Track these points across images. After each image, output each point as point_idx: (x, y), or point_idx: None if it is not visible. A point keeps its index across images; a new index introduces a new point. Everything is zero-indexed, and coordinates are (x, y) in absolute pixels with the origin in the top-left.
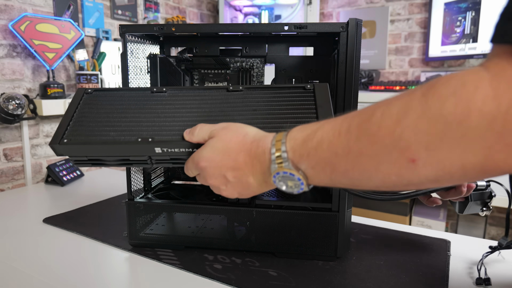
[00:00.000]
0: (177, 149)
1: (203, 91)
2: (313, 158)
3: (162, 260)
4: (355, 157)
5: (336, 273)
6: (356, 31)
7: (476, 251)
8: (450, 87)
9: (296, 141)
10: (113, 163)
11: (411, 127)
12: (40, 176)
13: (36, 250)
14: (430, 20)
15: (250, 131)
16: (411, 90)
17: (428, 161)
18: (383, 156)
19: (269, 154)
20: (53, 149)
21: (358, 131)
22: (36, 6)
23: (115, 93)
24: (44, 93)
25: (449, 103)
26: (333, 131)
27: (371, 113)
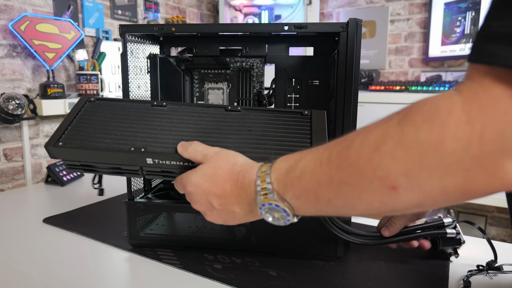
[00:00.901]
0: (168, 162)
1: (201, 108)
2: (297, 188)
3: (162, 260)
4: (337, 186)
5: (336, 273)
6: (356, 31)
7: (476, 251)
8: (423, 113)
9: (280, 172)
10: (104, 170)
11: (389, 155)
12: (40, 176)
13: (36, 250)
14: (430, 20)
15: (239, 160)
16: (388, 117)
17: (409, 188)
18: (364, 184)
19: (255, 185)
20: (47, 151)
21: (338, 160)
22: (36, 6)
23: (117, 103)
24: (44, 93)
25: (424, 130)
26: (314, 160)
27: (351, 141)
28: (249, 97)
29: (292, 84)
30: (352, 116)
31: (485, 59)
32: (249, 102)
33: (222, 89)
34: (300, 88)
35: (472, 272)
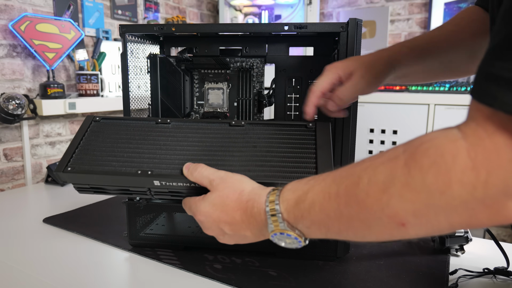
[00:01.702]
0: (175, 183)
1: (205, 124)
2: (307, 220)
3: (162, 260)
4: (347, 220)
5: (336, 273)
6: (356, 31)
7: (476, 251)
8: (429, 157)
9: (288, 203)
10: (114, 192)
11: (397, 196)
12: (40, 176)
13: (36, 250)
14: (430, 20)
15: (246, 188)
16: (394, 154)
17: (417, 224)
18: (373, 221)
19: (264, 214)
20: (57, 176)
21: (347, 197)
22: (36, 6)
23: (121, 122)
24: (44, 93)
25: (430, 174)
26: (323, 193)
27: (358, 177)
28: (249, 97)
29: (292, 84)
30: (352, 116)
31: (488, 101)
32: (249, 102)
33: (222, 89)
34: (300, 88)
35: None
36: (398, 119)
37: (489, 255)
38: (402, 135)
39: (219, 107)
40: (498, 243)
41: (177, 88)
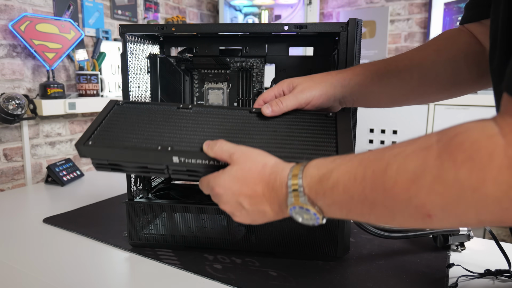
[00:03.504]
0: (194, 161)
1: (226, 110)
2: (329, 198)
3: (162, 260)
4: (371, 205)
5: (336, 273)
6: (356, 31)
7: (476, 251)
8: (465, 151)
9: (312, 179)
10: (131, 169)
11: (426, 189)
12: (40, 176)
13: (36, 250)
14: (430, 20)
15: (269, 161)
16: (427, 143)
17: (445, 218)
18: (399, 209)
19: (286, 187)
20: (77, 150)
21: (373, 182)
22: (36, 6)
23: (144, 106)
24: (44, 93)
25: (464, 170)
26: (348, 175)
27: (386, 164)
28: (249, 97)
29: None
30: (352, 116)
31: None
32: (249, 102)
33: (222, 89)
34: None
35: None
36: (398, 119)
37: (489, 255)
38: (402, 135)
39: None
40: (499, 244)
41: (177, 88)
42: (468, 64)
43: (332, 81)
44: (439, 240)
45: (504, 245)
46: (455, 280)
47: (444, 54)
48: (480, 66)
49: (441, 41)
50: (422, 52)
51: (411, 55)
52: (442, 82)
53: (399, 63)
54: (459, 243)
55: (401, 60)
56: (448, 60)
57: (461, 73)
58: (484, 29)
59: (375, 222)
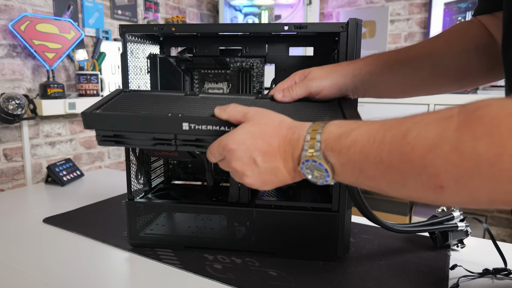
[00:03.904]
0: (205, 127)
1: (233, 96)
2: (344, 156)
3: (162, 260)
4: (385, 168)
5: (336, 273)
6: (356, 31)
7: (476, 251)
8: (485, 125)
9: (331, 135)
10: (137, 141)
11: (443, 158)
12: (40, 176)
13: (36, 250)
14: (430, 20)
15: (286, 119)
16: (449, 114)
17: (456, 191)
18: (412, 175)
19: (303, 141)
20: (83, 118)
21: (392, 145)
22: (36, 6)
23: (150, 93)
24: (44, 93)
25: (483, 143)
26: (368, 136)
27: (406, 129)
28: None
29: None
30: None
31: None
32: None
33: (222, 89)
34: None
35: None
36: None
37: (489, 254)
38: None
39: None
40: (496, 242)
41: (177, 88)
42: (479, 55)
43: (343, 71)
44: (439, 239)
45: (504, 245)
46: (455, 281)
47: (455, 45)
48: (491, 58)
49: (452, 32)
50: (433, 43)
51: (422, 46)
52: (453, 73)
53: (410, 53)
54: (458, 241)
55: (412, 50)
56: (459, 52)
57: (472, 65)
58: (496, 21)
59: (385, 188)
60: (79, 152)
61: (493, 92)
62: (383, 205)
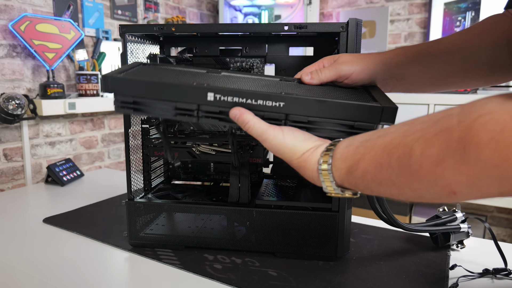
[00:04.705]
0: (231, 99)
1: (256, 76)
2: (361, 186)
3: (162, 260)
4: (399, 188)
5: (336, 273)
6: (356, 31)
7: (475, 251)
8: (488, 133)
9: (341, 172)
10: (157, 110)
11: (451, 169)
12: (40, 176)
13: (36, 250)
14: (430, 20)
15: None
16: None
17: (468, 193)
18: (425, 190)
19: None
20: (104, 81)
21: (400, 167)
22: (36, 6)
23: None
24: (44, 93)
25: (488, 150)
26: (374, 164)
27: (410, 148)
28: None
29: None
30: None
31: None
32: None
33: None
34: None
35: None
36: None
37: (489, 254)
38: None
39: None
40: (497, 243)
41: None
42: (511, 50)
43: (373, 58)
44: (440, 239)
45: (505, 245)
46: (455, 281)
47: (486, 39)
48: None
49: (484, 25)
50: (463, 36)
51: (452, 39)
52: (484, 67)
53: (441, 45)
54: (458, 241)
55: (442, 43)
56: (490, 46)
57: (503, 60)
58: None
59: (405, 200)
60: (79, 152)
61: (493, 92)
62: None
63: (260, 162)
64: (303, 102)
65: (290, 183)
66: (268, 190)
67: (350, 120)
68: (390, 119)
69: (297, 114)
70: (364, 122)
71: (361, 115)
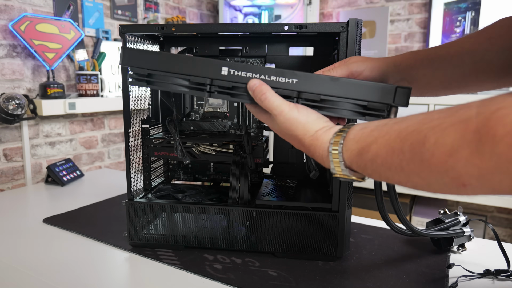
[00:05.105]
0: (245, 74)
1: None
2: (369, 169)
3: (162, 260)
4: (407, 175)
5: (336, 273)
6: (356, 31)
7: (475, 251)
8: (505, 126)
9: (352, 152)
10: (170, 83)
11: (463, 161)
12: (40, 176)
13: (36, 250)
14: (430, 20)
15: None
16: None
17: (479, 187)
18: (435, 179)
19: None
20: (122, 53)
21: (412, 154)
22: (36, 6)
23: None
24: (44, 93)
25: (503, 144)
26: (386, 148)
27: (424, 136)
28: None
29: None
30: None
31: None
32: None
33: None
34: None
35: (474, 276)
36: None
37: (489, 255)
38: None
39: (219, 107)
40: (501, 244)
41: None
42: None
43: (383, 59)
44: (443, 243)
45: (505, 245)
46: (455, 280)
47: (498, 42)
48: None
49: (494, 28)
50: (474, 39)
51: (462, 42)
52: (496, 70)
53: (450, 49)
54: (460, 245)
55: (452, 47)
56: (501, 49)
57: None
58: None
59: (412, 188)
60: (79, 152)
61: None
62: None
63: (260, 162)
64: (316, 79)
65: (290, 183)
66: (268, 190)
67: (363, 100)
68: (403, 100)
69: (310, 92)
70: (377, 102)
71: (374, 94)
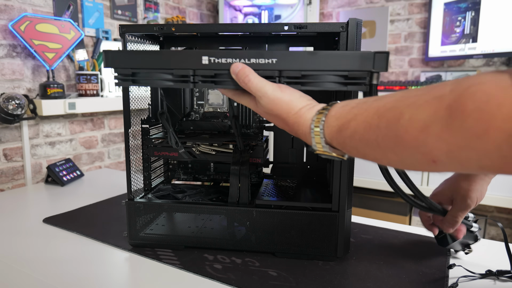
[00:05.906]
0: (225, 60)
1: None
2: (348, 145)
3: (162, 260)
4: (383, 151)
5: (336, 273)
6: (356, 31)
7: (475, 251)
8: (475, 102)
9: (332, 129)
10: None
11: (434, 136)
12: (40, 176)
13: (36, 250)
14: (430, 20)
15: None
16: (441, 93)
17: (448, 163)
18: (407, 155)
19: (310, 136)
20: (104, 56)
21: (387, 130)
22: (36, 6)
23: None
24: (44, 93)
25: (471, 119)
26: (364, 124)
27: (400, 113)
28: None
29: None
30: None
31: None
32: None
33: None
34: None
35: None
36: None
37: (490, 255)
38: None
39: (219, 107)
40: (507, 245)
41: (177, 88)
42: None
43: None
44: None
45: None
46: (455, 281)
47: None
48: None
49: None
50: None
51: None
52: None
53: None
54: (465, 245)
55: None
56: None
57: None
58: None
59: (386, 164)
60: (79, 152)
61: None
62: (383, 205)
63: (260, 162)
64: (295, 56)
65: (290, 183)
66: (268, 190)
67: (344, 70)
68: (382, 65)
69: (290, 69)
70: (358, 70)
71: (353, 63)
